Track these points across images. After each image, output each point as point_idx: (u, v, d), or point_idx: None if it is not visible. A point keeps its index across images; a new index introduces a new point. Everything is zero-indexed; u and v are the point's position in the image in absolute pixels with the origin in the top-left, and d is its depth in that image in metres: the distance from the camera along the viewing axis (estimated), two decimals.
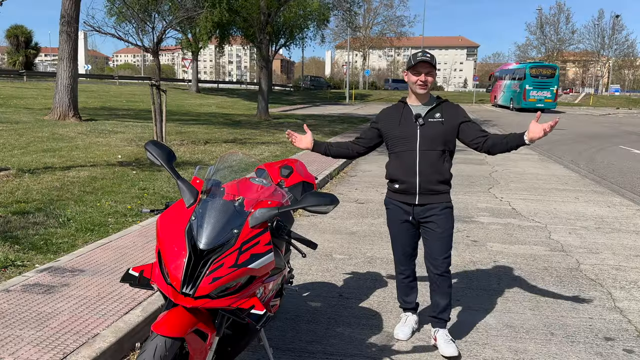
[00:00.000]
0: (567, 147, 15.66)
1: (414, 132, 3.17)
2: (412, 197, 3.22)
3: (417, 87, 3.14)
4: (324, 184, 8.84)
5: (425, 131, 3.16)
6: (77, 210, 5.91)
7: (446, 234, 3.22)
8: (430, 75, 3.13)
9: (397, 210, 3.31)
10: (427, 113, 3.19)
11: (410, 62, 3.15)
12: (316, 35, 40.81)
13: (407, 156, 3.18)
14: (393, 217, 3.35)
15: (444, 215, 3.21)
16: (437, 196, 3.21)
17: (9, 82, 32.97)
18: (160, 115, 11.06)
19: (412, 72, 3.16)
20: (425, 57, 3.10)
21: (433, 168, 3.16)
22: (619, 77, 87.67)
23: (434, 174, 3.16)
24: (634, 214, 7.32)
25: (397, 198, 3.29)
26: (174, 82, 55.39)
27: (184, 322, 2.09)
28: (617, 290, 4.50)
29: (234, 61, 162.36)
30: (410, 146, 3.17)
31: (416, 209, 3.24)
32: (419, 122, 3.16)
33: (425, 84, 3.13)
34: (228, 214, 2.22)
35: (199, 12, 14.14)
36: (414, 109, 3.22)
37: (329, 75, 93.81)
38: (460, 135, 3.22)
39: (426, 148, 3.15)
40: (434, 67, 3.12)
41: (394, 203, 3.32)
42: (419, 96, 3.20)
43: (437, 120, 3.16)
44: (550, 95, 36.06)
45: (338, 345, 3.42)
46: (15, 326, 3.14)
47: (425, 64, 3.10)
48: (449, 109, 3.22)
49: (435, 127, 3.16)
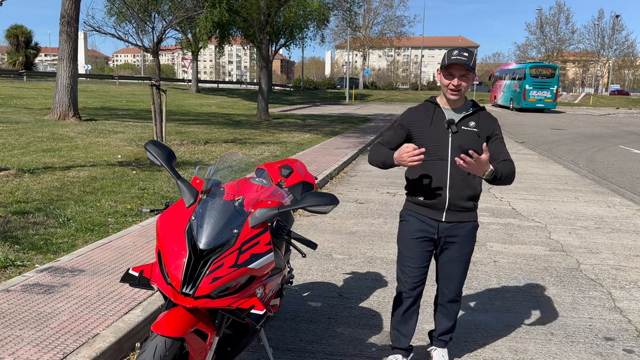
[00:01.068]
0: (567, 147, 15.66)
1: (444, 140, 2.77)
2: (438, 212, 2.84)
3: (449, 92, 2.73)
4: (324, 184, 8.84)
5: (457, 140, 2.76)
6: (77, 210, 5.91)
7: (467, 257, 2.92)
8: (465, 79, 2.69)
9: (418, 225, 2.89)
10: (461, 120, 2.79)
11: (444, 62, 2.71)
12: (316, 35, 40.86)
13: (436, 166, 2.78)
14: (411, 231, 2.91)
15: (470, 235, 2.89)
16: (465, 213, 2.86)
17: (9, 82, 32.97)
18: (160, 115, 11.06)
19: (444, 73, 2.73)
20: (462, 57, 2.64)
21: (465, 182, 2.79)
22: (619, 77, 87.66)
23: (465, 188, 2.80)
24: (634, 214, 7.32)
25: (421, 211, 2.88)
26: (174, 82, 55.42)
27: (184, 322, 2.09)
28: (617, 290, 4.50)
29: (234, 61, 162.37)
30: (441, 155, 2.77)
31: (442, 226, 2.86)
32: (451, 129, 2.76)
33: (457, 90, 2.71)
34: (228, 214, 2.22)
35: (199, 12, 14.12)
36: (447, 114, 2.81)
37: (329, 75, 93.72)
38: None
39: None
40: (472, 69, 2.66)
41: (416, 216, 2.90)
42: (452, 101, 2.80)
43: (471, 129, 2.77)
44: (550, 95, 36.06)
45: (338, 345, 3.42)
46: (15, 326, 3.14)
47: (459, 66, 2.66)
48: (486, 120, 2.83)
49: (469, 137, 2.76)
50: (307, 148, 12.63)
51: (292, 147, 12.70)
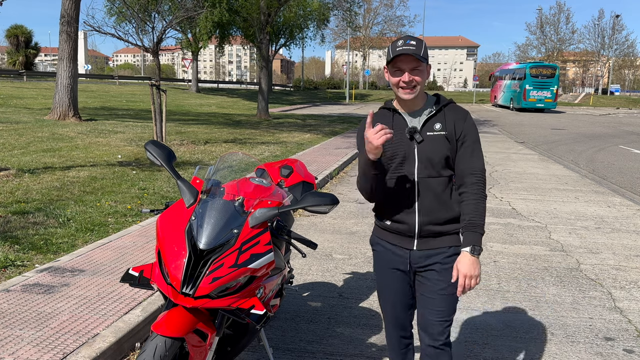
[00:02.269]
0: (567, 147, 15.66)
1: (409, 152, 2.24)
2: (408, 240, 2.31)
3: (402, 92, 2.19)
4: (324, 184, 8.84)
5: (424, 150, 2.23)
6: (77, 210, 5.91)
7: (450, 290, 2.29)
8: (418, 72, 2.16)
9: (386, 255, 2.39)
10: (425, 124, 2.25)
11: (389, 55, 2.19)
12: (316, 35, 40.90)
13: (401, 185, 2.26)
14: (381, 262, 2.43)
15: (450, 263, 2.28)
16: (442, 238, 2.30)
17: (9, 82, 32.97)
18: (160, 115, 11.06)
19: (391, 69, 2.20)
20: (409, 46, 2.12)
21: (438, 201, 2.25)
22: (619, 77, 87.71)
23: (439, 210, 2.25)
24: (634, 214, 7.32)
25: (388, 238, 2.38)
26: (174, 82, 55.43)
27: (184, 322, 2.09)
28: (617, 290, 4.50)
29: (234, 61, 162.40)
30: (407, 171, 2.25)
31: (413, 255, 2.32)
32: (415, 138, 2.24)
33: (411, 87, 2.17)
34: (228, 214, 2.22)
35: (199, 12, 14.12)
36: (408, 119, 2.28)
37: (329, 75, 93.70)
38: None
39: (427, 174, 2.23)
40: (423, 59, 2.14)
41: (383, 245, 2.40)
42: (408, 102, 2.25)
43: (437, 133, 2.24)
44: (550, 95, 36.07)
45: (338, 345, 3.42)
46: (15, 326, 3.14)
47: (407, 57, 2.13)
48: (453, 117, 2.26)
49: (437, 144, 2.23)
50: (307, 148, 12.63)
51: (292, 147, 12.70)
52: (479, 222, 2.18)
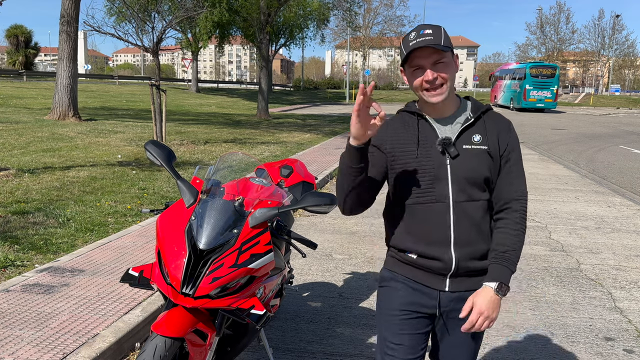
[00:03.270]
0: (567, 147, 15.66)
1: (440, 169, 1.79)
2: (439, 279, 1.86)
3: (427, 94, 1.77)
4: (324, 184, 8.84)
5: (459, 166, 1.79)
6: (77, 210, 5.90)
7: (479, 335, 1.94)
8: (443, 67, 1.74)
9: (409, 295, 1.88)
10: (460, 134, 1.81)
11: (403, 53, 1.78)
12: (316, 35, 40.89)
13: (431, 212, 1.80)
14: (398, 304, 1.89)
15: None
16: (478, 278, 1.87)
17: (9, 82, 32.98)
18: (160, 115, 11.06)
19: (409, 70, 1.79)
20: (423, 37, 1.71)
21: (477, 231, 1.81)
22: (619, 77, 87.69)
23: (477, 241, 1.82)
24: (634, 214, 7.32)
25: (413, 275, 1.88)
26: (173, 82, 55.44)
27: (184, 322, 2.09)
28: (617, 290, 4.50)
29: (234, 61, 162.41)
30: (438, 194, 1.79)
31: (444, 297, 1.87)
32: (449, 152, 1.79)
33: (437, 86, 1.75)
34: (228, 214, 2.22)
35: (199, 12, 14.13)
36: (438, 128, 1.83)
37: (329, 75, 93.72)
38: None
39: (465, 197, 1.80)
40: (447, 47, 1.72)
41: (407, 283, 1.89)
42: (437, 107, 1.82)
43: (478, 147, 1.80)
44: (550, 95, 36.06)
45: (338, 345, 3.42)
46: (15, 326, 3.14)
47: (425, 50, 1.72)
48: (496, 127, 1.84)
49: (476, 159, 1.80)
50: (307, 148, 12.63)
51: (292, 147, 12.70)
52: (514, 258, 1.80)
